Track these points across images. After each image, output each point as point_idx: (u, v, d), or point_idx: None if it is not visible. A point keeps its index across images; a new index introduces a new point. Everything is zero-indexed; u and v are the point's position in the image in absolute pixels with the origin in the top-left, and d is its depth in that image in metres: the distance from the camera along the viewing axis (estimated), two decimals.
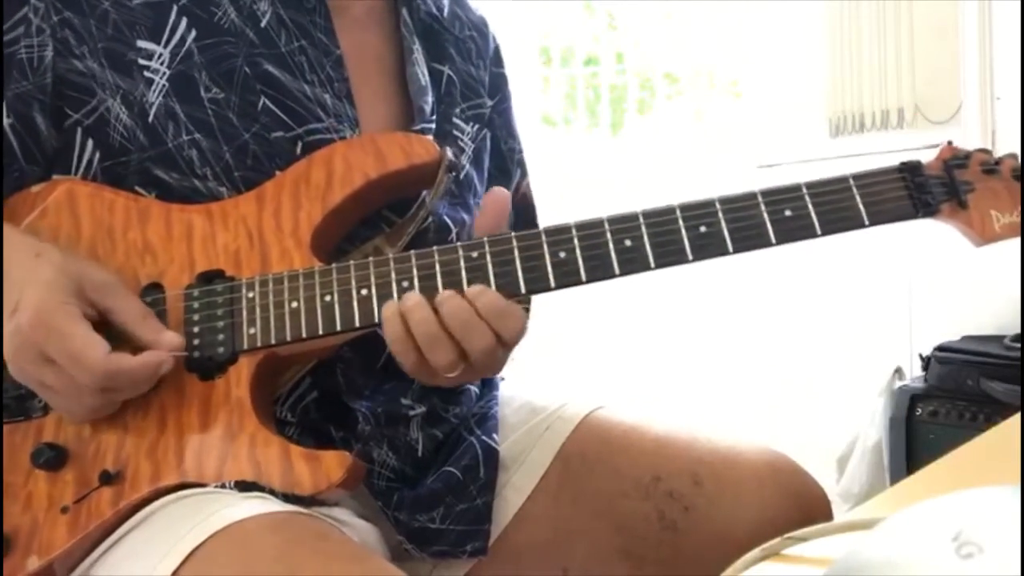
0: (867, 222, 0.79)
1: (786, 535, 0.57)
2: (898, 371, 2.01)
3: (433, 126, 0.92)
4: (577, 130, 2.99)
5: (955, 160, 0.81)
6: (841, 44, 2.40)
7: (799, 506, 0.88)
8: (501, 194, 0.83)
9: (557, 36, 2.99)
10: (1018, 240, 0.79)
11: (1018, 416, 0.77)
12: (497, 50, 1.05)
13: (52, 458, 0.76)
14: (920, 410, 1.88)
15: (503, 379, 1.03)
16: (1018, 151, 0.82)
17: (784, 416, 2.34)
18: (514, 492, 0.93)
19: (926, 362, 1.92)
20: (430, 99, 0.93)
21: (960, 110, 2.22)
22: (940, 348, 1.91)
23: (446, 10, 0.99)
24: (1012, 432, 0.75)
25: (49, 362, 0.73)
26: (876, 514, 0.55)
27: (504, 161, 1.04)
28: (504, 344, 0.77)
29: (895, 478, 1.89)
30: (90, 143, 0.83)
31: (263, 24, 0.86)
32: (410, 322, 0.76)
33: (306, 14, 0.88)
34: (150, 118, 0.82)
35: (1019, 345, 1.82)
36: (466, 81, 0.98)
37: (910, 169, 0.80)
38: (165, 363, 0.76)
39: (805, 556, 0.56)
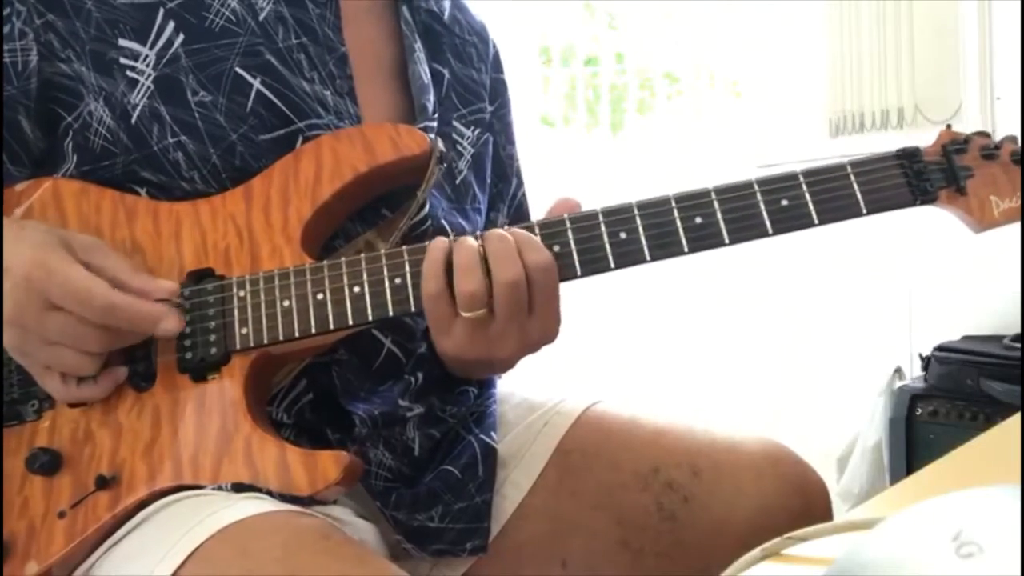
0: (865, 211, 0.77)
1: (786, 535, 0.57)
2: (898, 371, 2.01)
3: (435, 124, 0.91)
4: (577, 130, 2.98)
5: (954, 145, 0.79)
6: (841, 44, 2.39)
7: (798, 496, 0.87)
8: (572, 200, 0.82)
9: (557, 36, 2.99)
10: (1018, 239, 0.79)
11: (1018, 416, 0.76)
12: (497, 56, 1.04)
13: (47, 463, 0.76)
14: (920, 410, 1.88)
15: (499, 376, 1.03)
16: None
17: (784, 416, 2.34)
18: (513, 488, 0.93)
19: (926, 362, 1.92)
20: (432, 97, 0.92)
21: (960, 110, 2.22)
22: (940, 348, 1.91)
23: (447, 12, 0.98)
24: (1012, 432, 0.75)
25: (52, 308, 0.72)
26: (876, 514, 0.55)
27: (503, 167, 1.03)
28: (532, 282, 0.75)
29: (895, 478, 1.89)
30: (75, 146, 0.83)
31: (261, 19, 0.85)
32: (456, 250, 0.76)
33: (316, 8, 0.87)
34: (133, 120, 0.81)
35: (1019, 345, 1.82)
36: (467, 85, 0.97)
37: (908, 155, 0.78)
38: (165, 319, 0.76)
39: (805, 556, 0.56)
